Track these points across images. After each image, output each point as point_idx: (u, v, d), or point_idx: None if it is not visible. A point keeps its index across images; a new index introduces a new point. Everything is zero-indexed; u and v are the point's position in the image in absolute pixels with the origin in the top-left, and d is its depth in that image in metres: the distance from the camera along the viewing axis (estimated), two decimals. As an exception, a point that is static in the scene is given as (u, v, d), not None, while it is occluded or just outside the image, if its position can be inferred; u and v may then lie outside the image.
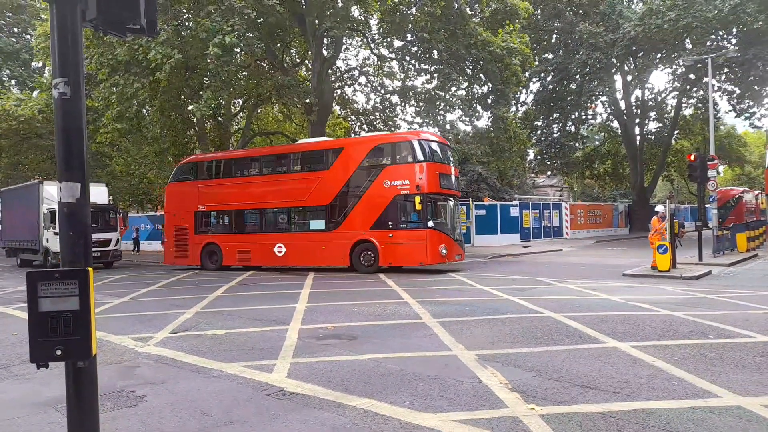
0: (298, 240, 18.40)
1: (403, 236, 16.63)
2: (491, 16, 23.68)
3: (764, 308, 9.66)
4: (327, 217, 17.95)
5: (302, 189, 18.32)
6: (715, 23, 30.94)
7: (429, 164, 16.75)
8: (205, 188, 20.18)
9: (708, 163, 19.67)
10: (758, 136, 58.28)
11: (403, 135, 18.94)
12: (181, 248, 20.26)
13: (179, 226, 20.32)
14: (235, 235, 19.70)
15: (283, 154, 20.16)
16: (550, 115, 42.50)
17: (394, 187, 16.77)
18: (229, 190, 19.80)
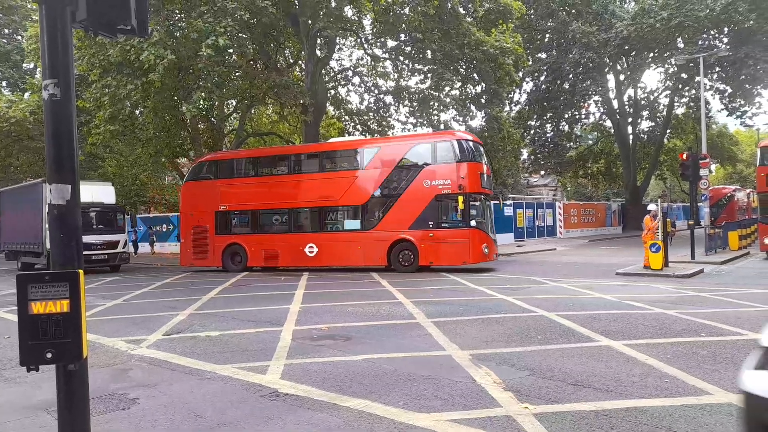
0: (332, 240, 18.23)
1: (445, 235, 16.65)
2: (484, 15, 23.73)
3: (756, 306, 9.73)
4: (362, 217, 17.90)
5: (335, 188, 18.12)
6: (706, 22, 31.13)
7: (470, 164, 16.89)
8: (228, 187, 19.64)
9: (700, 161, 19.79)
10: (750, 135, 58.68)
11: (443, 135, 19.02)
12: (200, 249, 19.66)
13: (198, 226, 19.68)
14: (261, 235, 19.19)
15: (313, 152, 19.81)
16: (544, 114, 42.64)
17: (435, 186, 16.81)
18: (254, 189, 19.38)
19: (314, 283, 15.46)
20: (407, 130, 27.90)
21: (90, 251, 19.60)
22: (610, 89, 42.80)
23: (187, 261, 20.26)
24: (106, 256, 20.47)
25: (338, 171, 18.57)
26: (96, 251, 19.98)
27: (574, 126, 45.19)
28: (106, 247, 20.43)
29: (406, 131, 27.82)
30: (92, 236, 19.84)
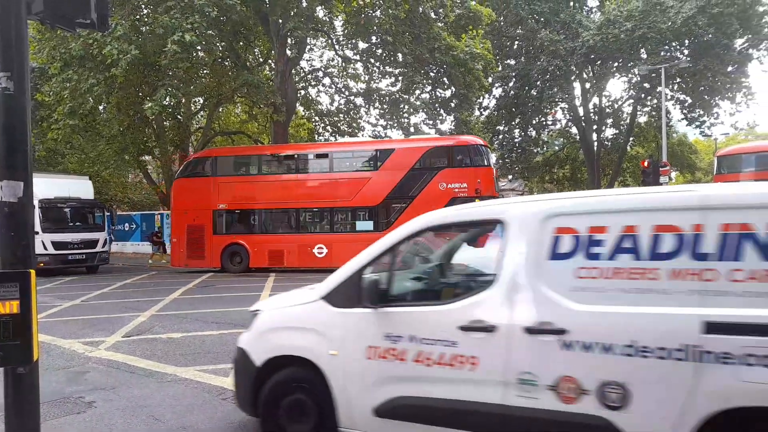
0: (343, 241, 17.77)
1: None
2: (455, 21, 23.98)
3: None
4: (376, 218, 17.90)
5: (348, 189, 18.04)
6: (668, 34, 32.17)
7: (486, 168, 17.47)
8: (228, 185, 18.96)
9: (660, 169, 20.44)
10: (708, 144, 60.81)
11: (459, 139, 19.31)
12: (196, 249, 18.85)
13: (193, 225, 18.81)
14: (265, 235, 18.71)
15: (325, 152, 19.62)
16: (512, 120, 43.27)
17: (451, 189, 17.03)
18: (258, 188, 18.87)
19: (281, 284, 15.31)
20: (377, 132, 27.94)
21: (66, 250, 18.63)
22: (576, 97, 43.73)
23: (180, 261, 19.30)
24: (84, 256, 19.24)
25: (351, 172, 18.53)
26: (73, 250, 18.84)
27: (541, 132, 45.96)
28: (84, 246, 19.20)
29: (376, 134, 27.87)
30: (69, 234, 18.79)
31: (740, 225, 2.82)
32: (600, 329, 2.96)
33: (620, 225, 3.07)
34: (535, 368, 3.06)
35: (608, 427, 2.90)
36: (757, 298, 2.73)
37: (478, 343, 3.22)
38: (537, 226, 3.26)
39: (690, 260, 2.89)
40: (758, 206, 2.89)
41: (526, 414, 3.08)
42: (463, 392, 3.27)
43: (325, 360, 3.71)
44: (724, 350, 2.70)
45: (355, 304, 3.66)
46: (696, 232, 2.90)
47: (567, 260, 3.15)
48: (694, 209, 2.99)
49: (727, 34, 32.18)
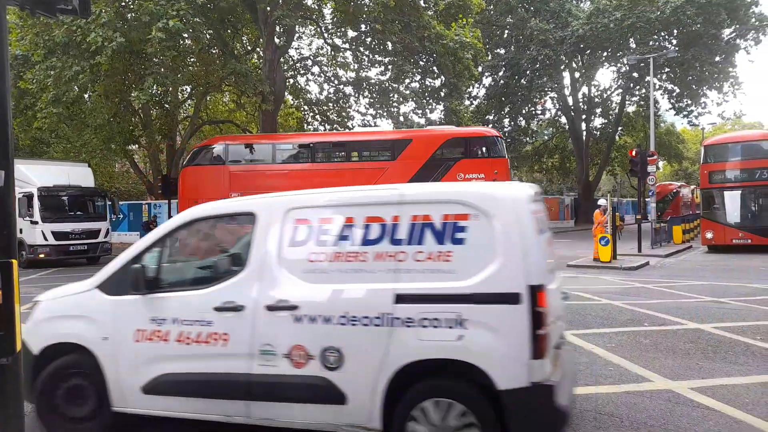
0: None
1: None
2: (444, 9, 23.79)
3: (696, 297, 10.20)
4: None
5: (365, 179, 17.39)
6: (657, 24, 32.22)
7: (503, 159, 17.80)
8: (242, 173, 18.28)
9: (648, 158, 20.49)
10: (695, 134, 61.27)
11: (476, 131, 19.82)
12: None
13: None
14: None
15: (343, 141, 19.49)
16: (502, 109, 43.25)
17: (469, 179, 17.00)
18: (273, 177, 18.05)
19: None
20: (367, 121, 27.81)
21: (67, 241, 17.88)
22: (565, 86, 43.81)
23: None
24: (86, 247, 18.39)
25: (369, 161, 18.46)
26: (74, 241, 18.06)
27: (530, 121, 46.01)
28: (86, 236, 18.36)
29: (365, 123, 27.74)
30: (69, 224, 18.00)
31: (423, 216, 3.52)
32: (322, 304, 3.57)
33: (342, 217, 3.70)
34: (274, 340, 3.60)
35: (328, 385, 3.49)
36: (432, 274, 3.45)
37: (229, 321, 3.70)
38: (281, 218, 3.79)
39: (389, 245, 3.54)
40: (435, 201, 3.63)
41: (266, 380, 3.61)
42: (216, 365, 3.72)
43: (98, 345, 3.99)
44: (408, 316, 3.40)
45: (126, 291, 4.01)
46: (395, 222, 3.55)
47: (302, 247, 3.73)
48: (394, 204, 3.64)
49: (715, 24, 32.27)
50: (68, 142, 26.17)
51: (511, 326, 3.28)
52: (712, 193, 20.59)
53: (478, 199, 3.51)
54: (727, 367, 5.64)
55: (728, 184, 20.13)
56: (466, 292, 3.35)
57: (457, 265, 3.41)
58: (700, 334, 7.15)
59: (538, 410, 3.29)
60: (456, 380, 3.40)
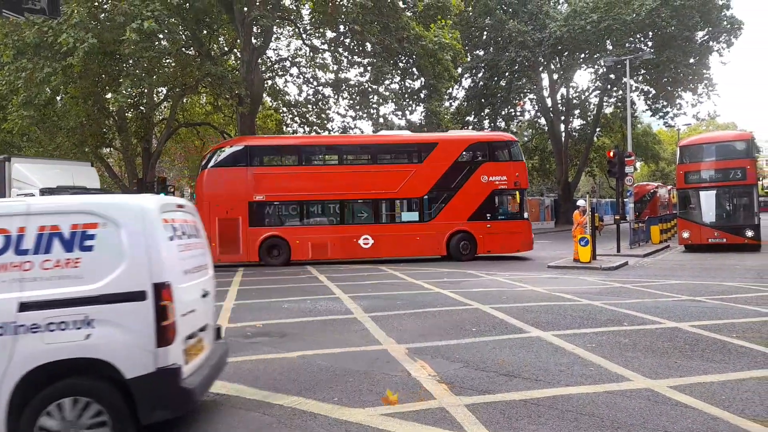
0: (389, 231, 18.39)
1: (503, 227, 18.13)
2: (423, 11, 23.85)
3: (674, 296, 10.33)
4: (421, 209, 18.56)
5: (393, 181, 18.44)
6: (633, 26, 32.72)
7: (522, 163, 19.34)
8: (266, 175, 18.40)
9: (625, 159, 20.75)
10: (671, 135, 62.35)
11: (498, 136, 21.51)
12: (230, 243, 17.69)
13: (225, 218, 17.69)
14: (308, 227, 18.37)
15: (368, 144, 19.91)
16: (482, 110, 43.50)
17: (492, 182, 18.36)
18: (299, 179, 18.38)
19: (249, 278, 15.10)
20: (347, 123, 27.74)
21: None
22: (544, 88, 44.22)
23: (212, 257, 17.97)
24: None
25: (396, 164, 19.29)
26: None
27: (510, 123, 46.36)
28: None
29: (345, 125, 27.67)
30: None
31: (51, 226, 3.77)
32: None
33: None
34: None
35: None
36: (60, 280, 3.71)
37: None
38: None
39: (13, 255, 3.72)
40: (63, 212, 3.88)
41: None
42: None
43: None
44: (33, 322, 3.60)
45: None
46: (20, 233, 3.75)
47: None
48: (21, 215, 3.82)
49: (689, 27, 32.91)
50: (40, 146, 25.59)
51: (138, 320, 3.69)
52: (687, 193, 20.92)
53: (106, 209, 3.87)
54: (704, 365, 5.70)
55: (703, 184, 20.47)
56: (93, 295, 3.69)
57: (86, 270, 3.74)
58: (677, 332, 7.22)
59: (163, 391, 3.72)
60: (91, 378, 3.70)
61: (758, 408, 4.45)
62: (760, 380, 5.16)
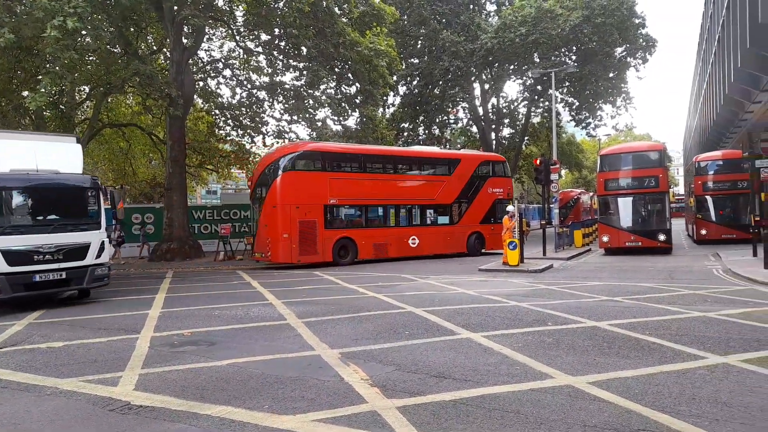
0: (429, 232, 21.60)
1: (500, 229, 19.72)
2: (359, 17, 23.97)
3: (594, 297, 10.91)
4: (451, 214, 22.25)
5: (431, 189, 21.84)
6: (558, 41, 34.38)
7: (510, 179, 24.89)
8: (338, 180, 19.57)
9: (551, 167, 21.75)
10: (593, 144, 65.87)
11: (498, 156, 26.22)
12: (309, 244, 18.58)
13: (305, 219, 18.49)
14: (371, 229, 20.28)
15: (415, 157, 22.83)
16: (416, 117, 44.20)
17: (494, 193, 23.06)
18: (363, 185, 20.10)
19: (178, 285, 14.59)
20: (282, 127, 27.33)
21: (31, 265, 10.72)
22: (476, 97, 45.53)
23: (291, 257, 18.30)
24: (64, 275, 11.16)
25: (433, 175, 22.51)
26: (43, 265, 10.88)
27: (444, 130, 47.40)
28: (64, 256, 11.17)
29: (280, 129, 27.25)
30: (34, 236, 10.91)
31: None
32: None
33: None
34: None
35: None
36: None
37: None
38: None
39: None
40: None
41: None
42: None
43: None
44: None
45: None
46: None
47: None
48: None
49: (608, 43, 35.00)
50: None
51: None
52: (607, 199, 22.17)
53: None
54: (620, 361, 6.06)
55: (621, 191, 21.77)
56: None
57: None
58: (596, 331, 7.64)
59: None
60: None
61: (667, 400, 4.79)
62: (669, 374, 5.55)
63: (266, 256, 18.70)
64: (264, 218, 18.81)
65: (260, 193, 19.41)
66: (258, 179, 19.86)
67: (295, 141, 24.35)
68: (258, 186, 19.80)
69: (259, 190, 19.62)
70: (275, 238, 18.25)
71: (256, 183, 20.08)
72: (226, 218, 27.88)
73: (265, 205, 18.76)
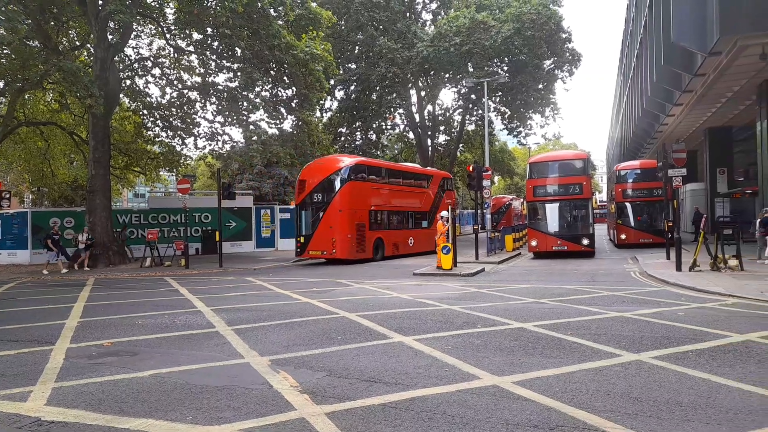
0: (418, 234, 25.61)
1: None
2: (295, 20, 23.76)
3: (522, 299, 11.30)
4: (429, 219, 26.18)
5: (420, 199, 26.50)
6: (491, 51, 35.54)
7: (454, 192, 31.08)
8: (375, 190, 23.22)
9: (483, 173, 22.37)
10: (524, 152, 68.46)
11: (448, 174, 31.49)
12: (361, 243, 21.98)
13: (359, 222, 21.95)
14: (391, 231, 24.01)
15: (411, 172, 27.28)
16: (354, 122, 44.35)
17: (447, 203, 27.04)
18: (388, 193, 24.07)
19: (99, 293, 13.85)
20: (215, 129, 26.61)
21: None
22: (413, 104, 46.25)
23: (351, 254, 21.57)
24: None
25: (422, 187, 26.90)
26: None
27: (381, 135, 47.82)
28: None
29: (213, 131, 26.53)
30: None
31: None
32: None
33: None
34: None
35: None
36: None
37: None
38: None
39: None
40: None
41: None
42: None
43: None
44: None
45: None
46: None
47: None
48: None
49: (538, 55, 36.53)
50: None
51: None
52: (535, 205, 23.06)
53: None
54: (544, 361, 6.30)
55: (548, 197, 22.72)
56: None
57: None
58: (522, 332, 7.91)
59: None
60: None
61: (584, 397, 5.02)
62: (587, 372, 5.82)
63: (330, 254, 21.39)
64: (329, 221, 21.44)
65: (318, 198, 21.92)
66: (316, 186, 22.10)
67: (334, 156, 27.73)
68: (315, 192, 22.08)
69: (317, 196, 22.00)
70: (341, 238, 21.25)
71: (312, 189, 22.19)
72: (154, 223, 26.79)
73: (330, 209, 21.48)
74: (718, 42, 15.78)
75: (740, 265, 14.67)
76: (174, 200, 28.85)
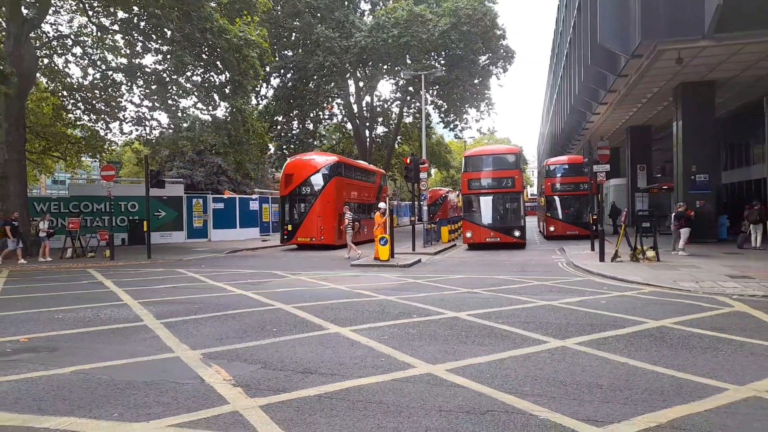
0: (371, 223, 25.40)
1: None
2: (229, 4, 22.98)
3: (456, 289, 11.57)
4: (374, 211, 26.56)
5: (370, 192, 29.40)
6: (428, 45, 35.89)
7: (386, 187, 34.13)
8: (349, 184, 26.24)
9: (420, 166, 22.65)
10: (460, 146, 69.83)
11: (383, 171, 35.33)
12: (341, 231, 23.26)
13: (340, 213, 23.26)
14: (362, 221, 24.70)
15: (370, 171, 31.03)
16: (291, 111, 43.56)
17: (384, 197, 26.26)
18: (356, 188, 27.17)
19: (13, 287, 12.95)
20: (142, 113, 25.37)
21: None
22: (351, 94, 45.99)
23: (336, 240, 23.96)
24: None
25: (372, 183, 30.07)
26: None
27: (318, 125, 47.29)
28: None
29: (140, 115, 25.29)
30: None
31: None
32: None
33: None
34: None
35: None
36: None
37: None
38: None
39: None
40: None
41: None
42: None
43: None
44: None
45: None
46: None
47: None
48: None
49: (474, 51, 37.26)
50: None
51: None
52: (470, 198, 23.63)
53: None
54: (476, 349, 6.49)
55: (482, 190, 23.33)
56: None
57: None
58: (456, 321, 8.11)
59: None
60: None
61: (513, 382, 5.22)
62: (516, 358, 6.05)
63: (318, 240, 23.62)
64: (318, 210, 23.86)
65: (307, 191, 24.24)
66: (304, 180, 24.32)
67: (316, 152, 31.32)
68: (303, 185, 24.29)
69: (305, 188, 24.25)
70: (329, 226, 23.82)
71: (300, 183, 24.33)
72: (75, 211, 25.29)
73: (320, 200, 23.87)
74: (640, 45, 16.74)
75: (657, 256, 15.70)
76: (97, 188, 27.34)
